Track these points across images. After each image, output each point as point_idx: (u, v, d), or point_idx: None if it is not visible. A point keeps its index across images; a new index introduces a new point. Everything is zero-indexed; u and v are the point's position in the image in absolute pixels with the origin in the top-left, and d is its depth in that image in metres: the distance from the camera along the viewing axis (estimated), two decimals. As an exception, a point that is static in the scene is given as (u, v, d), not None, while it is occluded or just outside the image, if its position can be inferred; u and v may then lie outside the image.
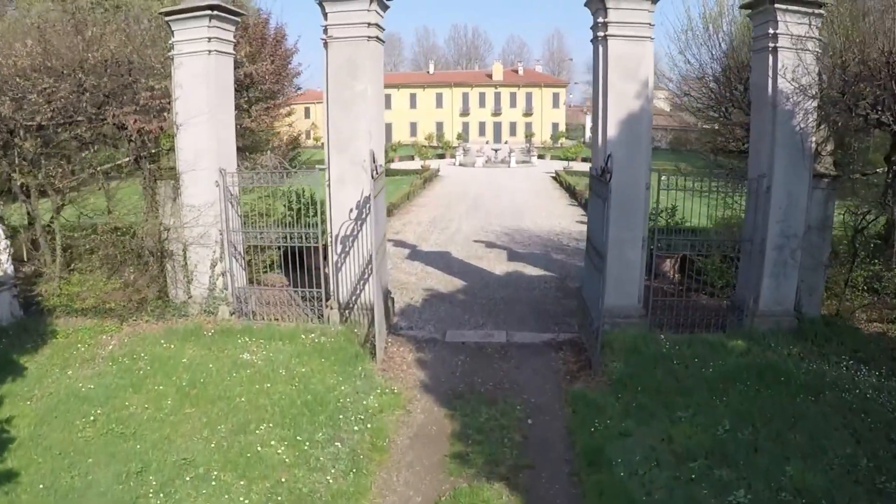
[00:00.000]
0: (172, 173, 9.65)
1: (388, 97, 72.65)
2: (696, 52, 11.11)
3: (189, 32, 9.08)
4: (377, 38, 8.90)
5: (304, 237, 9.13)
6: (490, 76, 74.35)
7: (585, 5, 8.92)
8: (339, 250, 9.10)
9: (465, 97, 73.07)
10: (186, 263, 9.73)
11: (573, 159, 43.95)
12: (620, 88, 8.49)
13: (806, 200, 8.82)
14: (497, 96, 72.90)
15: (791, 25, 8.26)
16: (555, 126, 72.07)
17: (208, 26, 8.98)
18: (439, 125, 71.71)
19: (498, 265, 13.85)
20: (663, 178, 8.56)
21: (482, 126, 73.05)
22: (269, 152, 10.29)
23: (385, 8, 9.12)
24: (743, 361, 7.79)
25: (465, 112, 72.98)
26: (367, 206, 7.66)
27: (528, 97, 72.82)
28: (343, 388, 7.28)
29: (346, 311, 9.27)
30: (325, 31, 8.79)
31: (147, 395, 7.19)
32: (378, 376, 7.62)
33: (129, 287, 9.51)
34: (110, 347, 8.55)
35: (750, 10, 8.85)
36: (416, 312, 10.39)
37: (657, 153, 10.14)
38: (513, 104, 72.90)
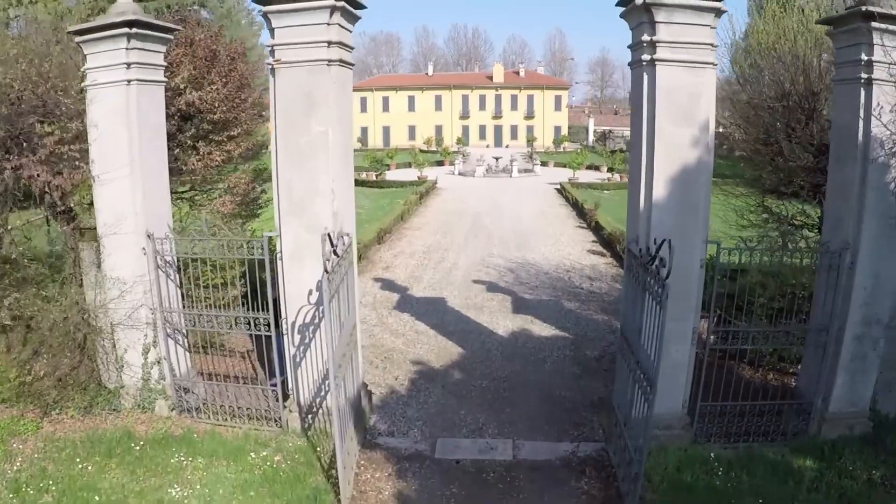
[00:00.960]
0: (94, 234, 7.67)
1: (385, 100, 70.82)
2: (747, 73, 8.99)
3: (103, 57, 7.04)
4: (341, 61, 6.61)
5: (251, 323, 7.10)
6: (490, 78, 72.19)
7: (622, 16, 6.68)
8: (296, 341, 7.04)
9: (465, 99, 70.92)
10: (116, 347, 7.77)
11: (578, 168, 41.75)
12: (672, 133, 6.30)
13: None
14: (498, 99, 70.73)
15: (891, 51, 6.22)
16: (557, 129, 69.80)
17: (127, 48, 6.92)
18: (438, 128, 69.59)
19: (501, 320, 11.82)
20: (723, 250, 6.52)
21: (482, 129, 70.95)
22: (208, 216, 8.18)
23: (354, 20, 6.81)
24: (817, 500, 6.01)
25: (464, 115, 70.86)
26: (322, 299, 5.45)
27: (530, 100, 70.63)
28: (292, 560, 5.30)
29: (309, 416, 7.26)
30: (273, 52, 6.58)
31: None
32: (341, 535, 5.61)
33: (49, 376, 7.59)
34: (18, 464, 6.68)
35: (832, 28, 6.78)
36: (401, 404, 8.36)
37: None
38: (514, 107, 70.72)
